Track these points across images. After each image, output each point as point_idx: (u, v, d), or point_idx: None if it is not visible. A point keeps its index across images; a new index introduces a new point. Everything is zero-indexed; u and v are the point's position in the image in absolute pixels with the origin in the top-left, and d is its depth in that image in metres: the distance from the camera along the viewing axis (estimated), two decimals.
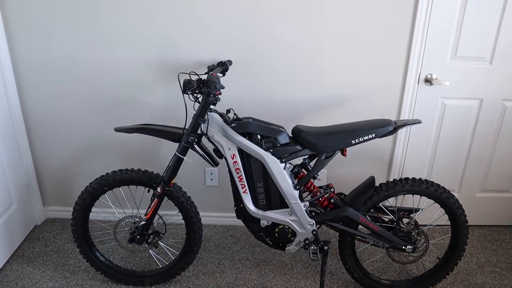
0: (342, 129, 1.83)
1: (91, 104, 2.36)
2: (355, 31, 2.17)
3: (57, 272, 2.18)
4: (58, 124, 2.41)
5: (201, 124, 1.79)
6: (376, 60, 2.23)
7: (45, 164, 2.53)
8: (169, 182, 1.88)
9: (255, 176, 1.85)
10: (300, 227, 1.91)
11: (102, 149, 2.47)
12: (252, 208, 1.89)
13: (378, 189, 1.94)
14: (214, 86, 1.56)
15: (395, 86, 2.29)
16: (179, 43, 2.20)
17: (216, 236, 2.53)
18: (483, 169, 2.53)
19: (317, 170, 1.87)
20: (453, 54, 2.23)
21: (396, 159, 2.46)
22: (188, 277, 2.18)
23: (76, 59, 2.25)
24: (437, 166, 2.51)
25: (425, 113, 2.36)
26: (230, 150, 1.81)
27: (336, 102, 2.33)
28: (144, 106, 2.35)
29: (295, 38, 2.19)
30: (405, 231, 1.97)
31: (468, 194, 2.59)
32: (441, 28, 2.17)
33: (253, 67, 2.25)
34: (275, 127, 1.85)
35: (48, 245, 2.39)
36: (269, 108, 2.34)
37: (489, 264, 2.35)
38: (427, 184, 1.92)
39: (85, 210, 1.99)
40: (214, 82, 1.56)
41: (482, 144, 2.45)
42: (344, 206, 1.91)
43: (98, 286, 2.09)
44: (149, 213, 1.92)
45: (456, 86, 2.30)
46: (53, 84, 2.32)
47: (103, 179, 1.95)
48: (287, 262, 2.30)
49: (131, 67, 2.26)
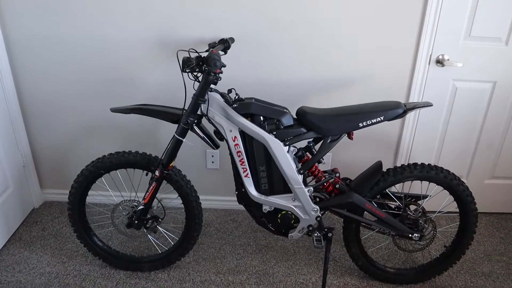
0: (349, 111, 1.75)
1: (89, 85, 2.27)
2: (363, 12, 2.06)
3: (54, 257, 2.13)
4: (54, 106, 2.34)
5: (201, 104, 1.71)
6: (385, 39, 2.13)
7: (42, 146, 2.46)
8: (167, 165, 1.80)
9: (257, 159, 1.77)
10: (303, 213, 1.85)
11: (100, 131, 2.40)
12: (254, 193, 1.82)
13: (385, 174, 1.86)
14: (214, 63, 1.47)
15: (404, 67, 2.19)
16: (179, 20, 2.10)
17: (217, 220, 2.47)
18: (493, 155, 2.44)
19: (322, 154, 1.79)
20: (467, 34, 2.12)
21: (404, 144, 2.38)
22: (188, 262, 2.13)
23: (72, 39, 2.16)
24: (446, 152, 2.43)
25: (435, 96, 2.27)
26: (232, 132, 1.74)
27: (343, 83, 2.23)
28: (143, 86, 2.26)
29: (302, 18, 2.08)
30: (412, 219, 1.90)
31: (476, 181, 2.51)
32: (455, 6, 2.06)
33: (257, 45, 2.15)
34: (278, 108, 1.76)
35: (46, 229, 2.34)
36: (273, 88, 2.25)
37: (496, 252, 2.29)
38: (437, 170, 1.84)
39: (81, 194, 1.93)
40: (214, 59, 1.47)
41: (493, 129, 2.36)
42: (349, 192, 1.84)
43: (96, 272, 2.04)
44: (147, 197, 1.86)
45: (468, 68, 2.19)
46: (49, 65, 2.23)
47: (100, 161, 1.88)
48: (289, 248, 2.25)
49: (129, 46, 2.16)
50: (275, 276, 2.05)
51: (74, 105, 2.33)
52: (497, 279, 2.09)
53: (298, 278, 2.04)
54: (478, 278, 2.10)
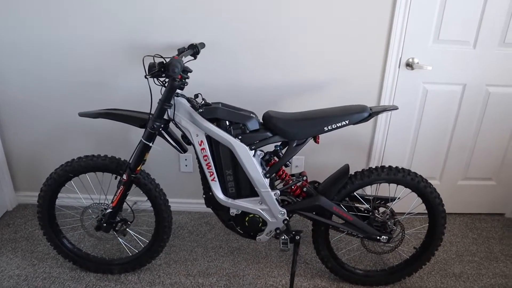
0: (314, 115, 1.76)
1: (64, 88, 2.27)
2: (333, 14, 2.07)
3: (25, 260, 2.13)
4: (29, 108, 2.33)
5: (167, 109, 1.71)
6: (354, 43, 2.14)
7: (16, 149, 2.45)
8: (135, 169, 1.81)
9: (224, 163, 1.78)
10: (270, 216, 1.85)
11: (74, 134, 2.39)
12: (221, 197, 1.83)
13: (353, 177, 1.87)
14: (172, 69, 1.47)
15: (375, 70, 2.21)
16: (151, 26, 2.10)
17: (190, 223, 2.47)
18: (465, 157, 2.46)
19: (288, 158, 1.80)
20: (436, 37, 2.14)
21: (376, 147, 2.39)
22: (159, 265, 2.13)
23: (47, 42, 2.15)
24: (419, 154, 2.45)
25: (406, 99, 2.28)
26: (198, 137, 1.74)
27: (314, 88, 2.24)
28: (117, 91, 2.26)
29: (271, 25, 2.09)
30: (380, 221, 1.92)
31: (450, 182, 2.54)
32: (423, 10, 2.08)
33: (228, 51, 2.16)
34: (245, 113, 1.77)
35: (18, 231, 2.34)
36: (244, 93, 2.25)
37: (468, 253, 2.31)
38: (404, 173, 1.86)
39: (50, 197, 1.92)
40: (173, 66, 1.47)
41: (465, 131, 2.38)
42: (316, 195, 1.85)
43: (66, 274, 2.04)
44: (115, 201, 1.86)
45: (438, 71, 2.21)
46: (23, 67, 2.22)
47: (69, 165, 1.88)
48: (261, 250, 2.26)
49: (103, 50, 2.16)
50: (245, 278, 2.06)
51: (49, 108, 2.32)
52: (467, 280, 2.12)
53: (268, 281, 2.05)
54: (449, 278, 2.12)
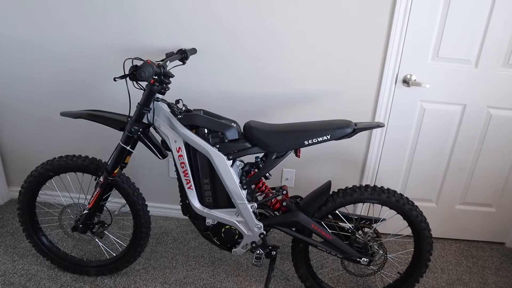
0: (295, 128, 1.70)
1: (55, 87, 2.29)
2: (328, 25, 2.02)
3: (6, 255, 2.14)
4: (23, 105, 2.36)
5: (146, 113, 1.70)
6: (349, 56, 2.08)
7: (9, 144, 2.48)
8: (112, 172, 1.79)
9: (202, 172, 1.75)
10: (246, 229, 1.80)
11: (67, 132, 2.41)
12: (197, 205, 1.79)
13: (335, 195, 1.80)
14: (139, 73, 1.45)
15: (370, 86, 2.14)
16: (144, 29, 2.10)
17: (176, 230, 2.44)
18: (464, 180, 2.35)
19: (267, 170, 1.75)
20: (435, 54, 2.05)
21: (370, 164, 2.31)
22: (137, 270, 2.10)
23: (39, 42, 2.18)
24: (414, 174, 2.35)
25: (402, 116, 2.20)
26: (176, 143, 1.71)
27: (306, 98, 2.19)
28: (106, 92, 2.27)
29: (266, 31, 2.06)
30: (361, 242, 1.84)
31: (446, 206, 2.42)
32: (422, 25, 2.00)
33: (220, 58, 2.13)
34: (225, 121, 1.73)
35: (5, 226, 2.36)
36: (235, 101, 2.22)
37: (460, 282, 2.19)
38: (388, 194, 1.78)
39: (30, 194, 1.93)
40: (140, 70, 1.45)
41: (464, 153, 2.27)
42: (295, 211, 1.79)
43: (43, 272, 2.04)
44: (91, 202, 1.85)
45: (437, 89, 2.12)
46: (16, 66, 2.26)
47: (49, 164, 1.88)
48: (243, 263, 2.20)
49: (94, 52, 2.18)
50: None
51: (42, 105, 2.35)
52: None
53: None
54: None
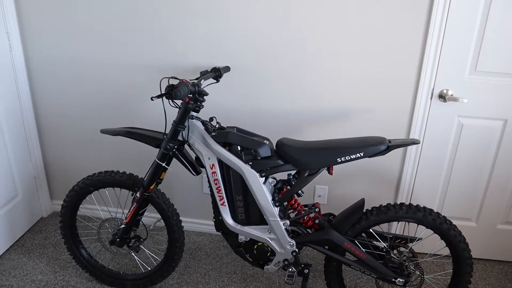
0: (327, 145, 1.70)
1: (98, 104, 2.39)
2: (362, 40, 2.02)
3: (49, 266, 2.23)
4: (67, 122, 2.48)
5: (181, 131, 1.75)
6: (384, 72, 2.06)
7: (54, 159, 2.61)
8: (148, 187, 1.85)
9: (235, 188, 1.77)
10: (279, 246, 1.80)
11: (106, 148, 2.51)
12: (230, 222, 1.81)
13: (369, 213, 1.78)
14: (175, 93, 1.50)
15: (405, 101, 2.10)
16: (180, 49, 2.17)
17: (209, 245, 2.47)
18: (506, 199, 2.24)
19: (299, 187, 1.75)
20: (473, 68, 2.00)
21: (405, 182, 2.25)
22: (171, 284, 2.14)
23: (85, 60, 2.30)
24: (452, 192, 2.27)
25: (439, 132, 2.14)
26: (210, 160, 1.75)
27: (340, 116, 2.18)
28: (141, 110, 2.35)
29: (301, 47, 2.07)
30: (396, 262, 1.79)
31: (487, 225, 2.32)
32: (458, 40, 1.96)
33: (254, 75, 2.16)
34: (258, 139, 1.75)
35: (48, 238, 2.47)
36: (267, 118, 2.24)
37: None
38: (424, 212, 1.73)
39: (72, 208, 2.02)
40: (176, 90, 1.50)
41: (506, 170, 2.18)
42: (328, 229, 1.77)
43: (82, 284, 2.11)
44: (128, 217, 1.91)
45: (475, 104, 2.06)
46: (63, 83, 2.38)
47: (89, 179, 1.96)
48: (275, 280, 2.19)
49: (133, 71, 2.27)
50: None
51: (85, 122, 2.46)
52: None
53: None
54: None
